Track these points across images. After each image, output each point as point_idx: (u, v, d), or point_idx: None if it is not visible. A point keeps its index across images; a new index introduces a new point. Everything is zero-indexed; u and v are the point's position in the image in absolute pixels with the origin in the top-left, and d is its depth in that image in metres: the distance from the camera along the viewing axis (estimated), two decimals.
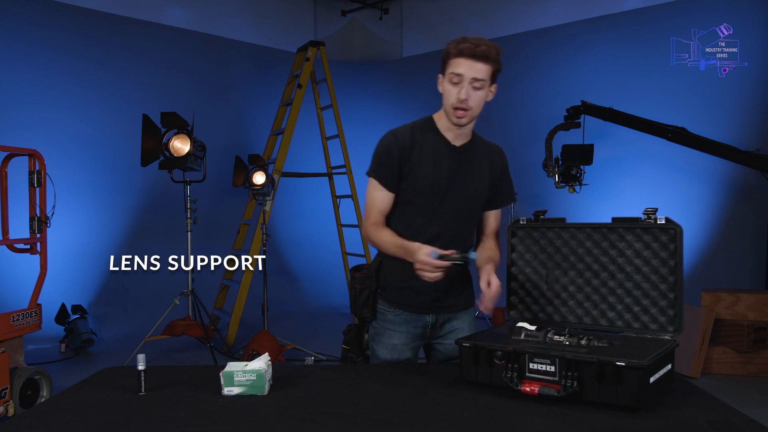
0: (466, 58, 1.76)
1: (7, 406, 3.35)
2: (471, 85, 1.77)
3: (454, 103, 1.79)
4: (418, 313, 1.97)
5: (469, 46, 1.75)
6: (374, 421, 1.34)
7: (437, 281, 1.71)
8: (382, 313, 2.00)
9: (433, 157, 1.88)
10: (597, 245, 1.74)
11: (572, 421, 1.32)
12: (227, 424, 1.33)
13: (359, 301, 2.02)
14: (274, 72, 7.29)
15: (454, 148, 1.91)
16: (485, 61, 1.76)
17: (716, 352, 4.37)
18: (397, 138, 1.88)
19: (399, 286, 1.96)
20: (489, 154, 1.98)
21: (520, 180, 6.26)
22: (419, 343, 2.02)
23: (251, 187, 5.31)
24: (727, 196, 5.57)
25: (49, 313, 5.02)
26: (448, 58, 1.80)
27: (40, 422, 1.36)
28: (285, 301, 7.06)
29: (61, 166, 5.13)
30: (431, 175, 1.87)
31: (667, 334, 1.63)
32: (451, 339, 1.99)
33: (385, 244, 1.88)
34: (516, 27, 6.94)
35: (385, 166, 1.88)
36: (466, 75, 1.77)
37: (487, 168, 1.95)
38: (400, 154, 1.86)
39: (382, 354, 1.99)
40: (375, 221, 1.92)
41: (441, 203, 1.89)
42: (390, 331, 1.98)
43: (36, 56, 5.71)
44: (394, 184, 1.89)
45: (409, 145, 1.87)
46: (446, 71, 1.81)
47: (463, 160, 1.91)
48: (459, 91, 1.78)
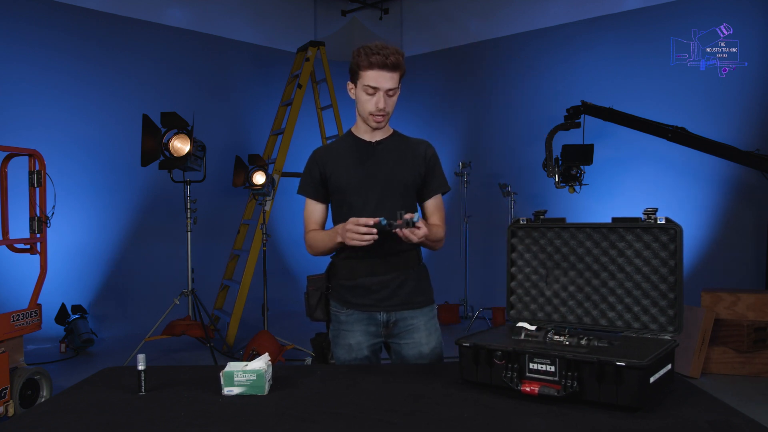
0: (379, 69, 1.85)
1: (7, 406, 3.35)
2: (386, 94, 1.89)
3: (373, 111, 1.91)
4: (369, 312, 1.98)
5: (380, 58, 1.84)
6: (374, 421, 1.34)
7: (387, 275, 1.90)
8: (335, 315, 2.05)
9: (350, 157, 1.99)
10: (597, 245, 1.74)
11: (572, 421, 1.32)
12: (227, 424, 1.33)
13: (311, 303, 2.07)
14: (274, 72, 7.29)
15: (371, 143, 2.00)
16: (396, 70, 1.87)
17: (716, 352, 4.37)
18: (315, 154, 2.05)
19: (348, 285, 1.99)
20: (413, 146, 2.04)
21: (520, 180, 6.38)
22: (377, 342, 2.02)
23: (251, 187, 5.31)
24: (727, 196, 5.57)
25: (49, 313, 5.03)
26: (359, 70, 1.88)
27: (40, 422, 1.36)
28: (285, 301, 7.06)
29: (61, 166, 5.14)
30: (351, 172, 1.97)
31: (667, 334, 1.63)
32: (407, 338, 2.00)
33: (319, 240, 1.99)
34: (516, 27, 6.94)
35: (307, 181, 2.04)
36: (382, 87, 1.87)
37: (409, 157, 2.01)
38: (319, 165, 2.01)
39: (340, 355, 2.02)
40: (310, 230, 2.05)
41: (366, 196, 1.95)
42: (344, 331, 2.01)
43: (36, 56, 5.71)
44: (320, 195, 2.03)
45: (326, 155, 2.02)
46: (359, 82, 1.91)
47: (381, 153, 1.99)
48: (377, 101, 1.89)
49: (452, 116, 7.59)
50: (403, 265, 1.98)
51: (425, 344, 2.00)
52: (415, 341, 2.00)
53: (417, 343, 2.00)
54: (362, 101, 1.92)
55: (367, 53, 1.85)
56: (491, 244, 6.70)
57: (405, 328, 2.00)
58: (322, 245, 1.98)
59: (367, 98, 1.90)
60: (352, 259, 1.96)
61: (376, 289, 1.96)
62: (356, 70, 1.89)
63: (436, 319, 2.08)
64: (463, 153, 7.21)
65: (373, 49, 1.84)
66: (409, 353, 2.00)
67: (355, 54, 1.89)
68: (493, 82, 7.15)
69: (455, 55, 7.60)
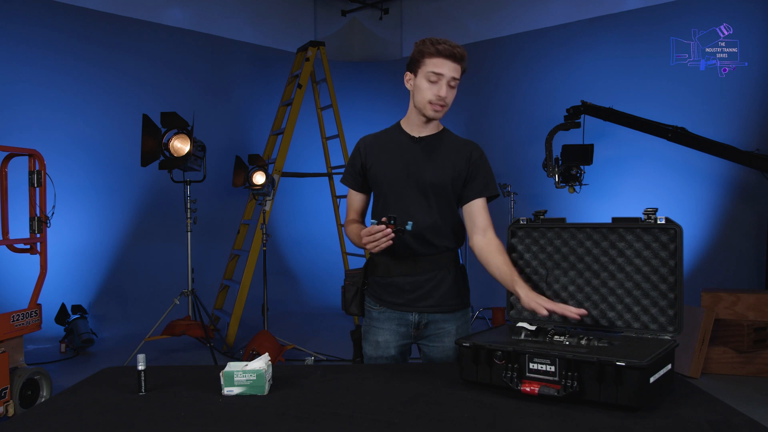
0: (445, 58, 1.84)
1: (7, 406, 3.35)
2: (448, 83, 1.86)
3: (433, 99, 1.87)
4: (401, 311, 1.97)
5: (447, 48, 1.83)
6: (374, 421, 1.34)
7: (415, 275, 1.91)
8: (368, 311, 2.04)
9: (393, 150, 1.98)
10: (597, 245, 1.74)
11: (572, 421, 1.32)
12: (227, 424, 1.33)
13: (347, 297, 2.06)
14: (274, 72, 7.29)
15: (415, 138, 1.98)
16: (461, 62, 1.87)
17: (716, 352, 4.37)
18: (360, 143, 2.04)
19: (382, 283, 1.99)
20: (460, 146, 1.99)
21: (520, 180, 6.37)
22: (406, 342, 2.00)
23: (251, 187, 5.31)
24: (727, 196, 5.57)
25: (49, 313, 5.03)
26: (423, 57, 1.87)
27: (40, 422, 1.36)
28: (285, 301, 7.06)
29: (61, 166, 5.14)
30: (390, 166, 1.95)
31: (667, 334, 1.63)
32: (436, 342, 1.97)
33: (352, 235, 2.00)
34: (516, 27, 6.94)
35: (349, 170, 2.05)
36: (447, 75, 1.85)
37: (453, 158, 1.95)
38: (362, 156, 2.01)
39: (368, 351, 2.02)
40: (350, 219, 2.08)
41: (399, 193, 1.94)
42: (375, 328, 2.01)
43: (36, 56, 5.71)
44: (359, 184, 2.04)
45: (371, 146, 2.01)
46: (421, 69, 1.87)
47: (423, 149, 1.96)
48: (439, 89, 1.86)
49: (452, 116, 7.54)
50: (439, 266, 1.95)
51: (455, 349, 1.93)
52: (444, 345, 1.97)
53: (446, 347, 1.96)
54: (422, 89, 1.87)
55: (433, 42, 1.85)
56: None
57: (436, 332, 1.97)
58: (353, 242, 2.00)
59: (428, 86, 1.86)
60: (389, 257, 1.95)
61: (409, 289, 1.94)
62: (419, 59, 1.87)
63: (468, 324, 2.03)
64: None
65: (440, 40, 1.86)
66: (437, 356, 1.97)
67: (419, 43, 1.88)
68: (493, 82, 7.15)
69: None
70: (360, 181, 2.03)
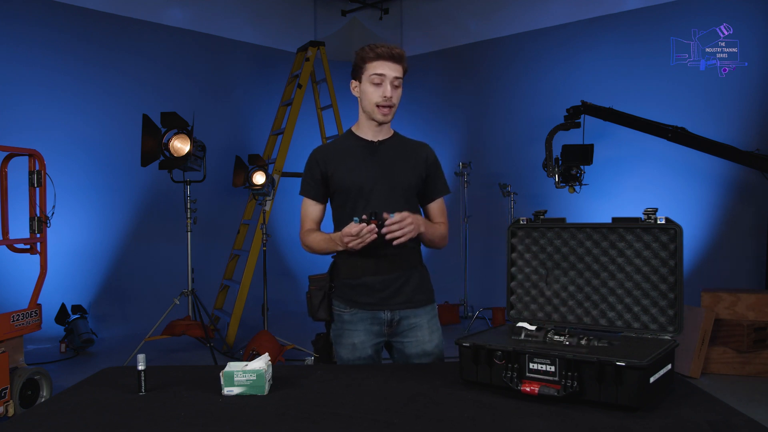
0: (385, 60, 1.92)
1: (7, 406, 3.35)
2: (392, 83, 1.94)
3: (380, 101, 1.94)
4: (373, 311, 2.00)
5: (386, 50, 1.92)
6: (374, 422, 1.34)
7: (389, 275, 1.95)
8: (338, 314, 2.05)
9: (356, 156, 2.01)
10: (597, 245, 1.74)
11: (572, 421, 1.32)
12: (227, 424, 1.33)
13: (314, 302, 2.07)
14: (274, 72, 7.29)
15: (373, 142, 2.03)
16: (401, 61, 1.95)
17: (716, 352, 4.37)
18: (316, 154, 2.07)
19: (352, 284, 2.01)
20: (415, 148, 2.08)
21: (520, 180, 6.37)
22: (379, 341, 2.04)
23: (251, 187, 5.31)
24: (727, 196, 5.57)
25: (49, 313, 5.03)
26: (365, 63, 1.95)
27: (40, 422, 1.36)
28: (285, 301, 7.06)
29: (61, 166, 5.14)
30: (357, 171, 1.98)
31: (667, 334, 1.62)
32: (410, 336, 2.03)
33: (316, 243, 2.02)
34: (516, 27, 6.94)
35: (308, 182, 2.06)
36: (389, 75, 1.93)
37: (412, 160, 2.04)
38: (320, 166, 2.03)
39: (343, 354, 2.03)
40: (307, 229, 2.08)
41: (368, 199, 1.97)
42: (348, 330, 2.02)
43: (36, 56, 5.71)
44: (320, 195, 2.06)
45: (328, 155, 2.03)
46: (364, 74, 1.95)
47: (385, 153, 2.02)
48: (383, 90, 1.93)
49: (452, 116, 7.59)
50: (406, 264, 2.01)
51: (428, 342, 2.03)
52: (418, 339, 2.03)
53: (420, 341, 2.03)
54: (368, 93, 1.95)
55: (372, 47, 1.94)
56: (491, 244, 6.70)
57: (408, 327, 2.03)
58: (319, 248, 2.02)
59: (373, 89, 1.94)
60: (355, 258, 1.97)
61: (380, 287, 1.98)
62: (361, 65, 1.95)
63: (437, 318, 2.11)
64: (463, 153, 7.21)
65: (379, 44, 1.94)
66: (412, 351, 2.02)
67: (359, 51, 1.96)
68: (493, 82, 7.15)
69: (455, 55, 7.60)
70: (322, 191, 2.05)
